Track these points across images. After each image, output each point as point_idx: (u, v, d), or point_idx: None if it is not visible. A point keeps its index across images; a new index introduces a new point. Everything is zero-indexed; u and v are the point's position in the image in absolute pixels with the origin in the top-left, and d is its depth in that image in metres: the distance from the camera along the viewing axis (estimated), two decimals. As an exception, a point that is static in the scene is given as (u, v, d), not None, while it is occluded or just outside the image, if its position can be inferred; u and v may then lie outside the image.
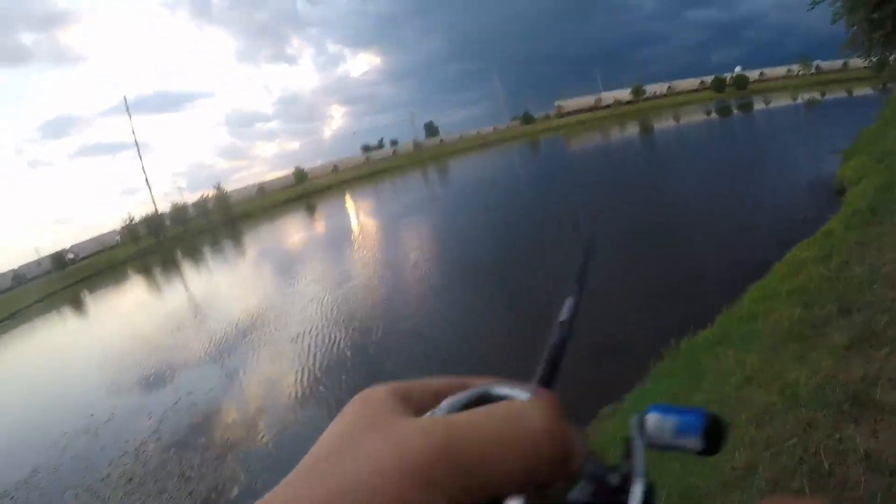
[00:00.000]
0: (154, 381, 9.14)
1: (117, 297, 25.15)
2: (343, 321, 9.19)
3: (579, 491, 0.28)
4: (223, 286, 18.69)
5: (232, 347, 9.66)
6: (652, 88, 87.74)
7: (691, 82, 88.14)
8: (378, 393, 0.28)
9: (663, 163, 21.37)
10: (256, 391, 7.40)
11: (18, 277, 46.04)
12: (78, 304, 26.09)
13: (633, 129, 45.56)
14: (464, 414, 0.25)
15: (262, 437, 5.99)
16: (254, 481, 5.20)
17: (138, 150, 78.04)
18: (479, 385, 0.29)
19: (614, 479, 0.29)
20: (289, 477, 0.23)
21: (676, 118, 47.28)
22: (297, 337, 8.94)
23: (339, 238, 20.64)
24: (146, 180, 68.78)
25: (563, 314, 0.48)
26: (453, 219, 18.67)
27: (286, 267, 17.09)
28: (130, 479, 5.92)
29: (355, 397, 0.27)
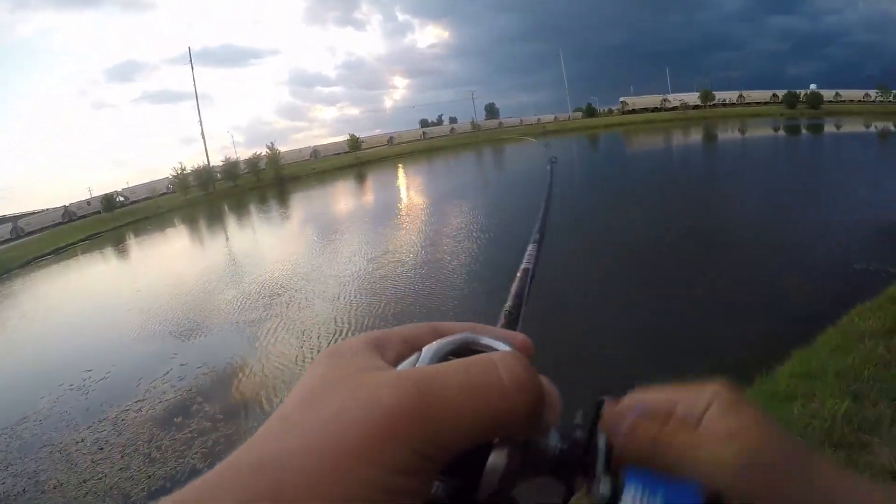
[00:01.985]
0: (158, 341, 9.07)
1: (160, 243, 25.73)
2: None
3: (551, 443, 0.29)
4: (262, 247, 18.70)
5: (246, 319, 9.41)
6: (721, 95, 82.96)
7: (763, 94, 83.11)
8: (349, 345, 0.27)
9: (719, 179, 19.89)
10: (250, 379, 7.09)
11: (68, 214, 47.69)
12: (120, 246, 26.89)
13: (696, 136, 43.26)
14: (435, 366, 0.25)
15: (234, 430, 5.70)
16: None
17: (197, 101, 79.33)
18: (458, 334, 0.29)
19: (581, 433, 0.30)
20: (257, 433, 0.22)
21: (742, 130, 44.58)
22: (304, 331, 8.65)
23: (383, 214, 20.18)
24: (202, 132, 70.34)
25: (526, 261, 0.52)
26: (500, 207, 17.91)
27: (325, 235, 16.96)
28: (101, 448, 5.80)
29: (325, 350, 0.27)
